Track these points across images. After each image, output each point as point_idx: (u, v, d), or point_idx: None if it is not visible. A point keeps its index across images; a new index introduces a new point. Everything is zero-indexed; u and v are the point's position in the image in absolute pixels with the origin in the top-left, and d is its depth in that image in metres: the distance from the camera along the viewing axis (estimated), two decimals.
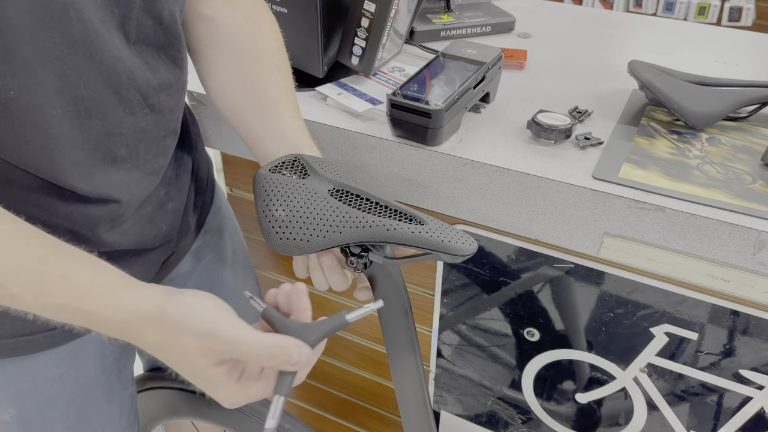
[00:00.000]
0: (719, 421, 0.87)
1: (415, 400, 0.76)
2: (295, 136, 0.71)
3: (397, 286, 0.69)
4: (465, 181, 0.80)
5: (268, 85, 0.72)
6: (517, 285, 0.91)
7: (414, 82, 0.81)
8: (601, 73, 0.99)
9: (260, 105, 0.72)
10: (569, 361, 0.94)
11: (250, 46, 0.73)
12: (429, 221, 0.61)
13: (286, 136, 0.71)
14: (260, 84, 0.72)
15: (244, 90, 0.72)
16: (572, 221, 0.76)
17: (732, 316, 0.78)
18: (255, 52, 0.73)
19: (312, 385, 1.30)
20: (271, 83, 0.73)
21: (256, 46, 0.73)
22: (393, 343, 0.73)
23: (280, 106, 0.72)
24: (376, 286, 0.69)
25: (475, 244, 0.61)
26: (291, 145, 0.70)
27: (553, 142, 0.81)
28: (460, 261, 0.62)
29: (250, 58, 0.73)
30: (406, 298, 0.70)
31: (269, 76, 0.73)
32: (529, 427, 1.04)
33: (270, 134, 0.71)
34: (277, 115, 0.72)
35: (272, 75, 0.73)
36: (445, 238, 0.60)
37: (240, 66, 0.73)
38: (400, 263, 0.65)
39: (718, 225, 0.69)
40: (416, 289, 1.01)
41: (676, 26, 1.18)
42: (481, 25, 1.10)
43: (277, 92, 0.72)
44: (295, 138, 0.71)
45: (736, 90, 0.85)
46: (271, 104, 0.72)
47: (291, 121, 0.72)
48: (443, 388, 1.09)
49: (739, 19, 2.30)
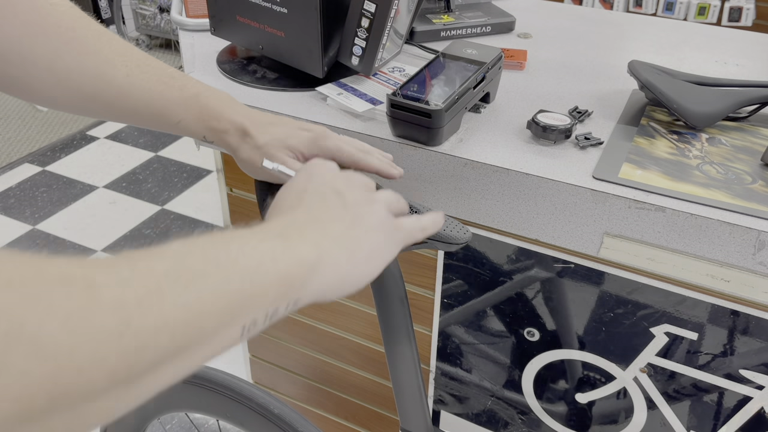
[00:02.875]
0: (719, 421, 0.87)
1: (410, 387, 0.78)
2: (186, 80, 0.62)
3: (394, 275, 0.71)
4: (465, 181, 0.80)
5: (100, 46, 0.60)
6: (517, 285, 0.91)
7: (414, 82, 0.81)
8: (601, 73, 0.99)
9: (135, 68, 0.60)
10: (569, 361, 0.94)
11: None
12: (425, 211, 0.63)
13: (186, 86, 0.62)
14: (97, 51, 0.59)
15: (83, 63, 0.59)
16: (572, 221, 0.76)
17: (732, 316, 0.78)
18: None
19: (312, 385, 1.30)
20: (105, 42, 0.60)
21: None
22: (389, 331, 0.75)
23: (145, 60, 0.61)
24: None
25: (470, 232, 0.63)
26: (194, 95, 0.62)
27: (553, 142, 0.81)
28: (455, 249, 0.64)
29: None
30: (402, 287, 0.72)
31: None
32: (528, 427, 1.04)
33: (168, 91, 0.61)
34: (152, 68, 0.61)
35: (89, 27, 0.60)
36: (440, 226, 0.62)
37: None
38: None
39: (718, 225, 0.69)
40: (416, 289, 1.01)
41: (676, 26, 1.18)
42: (481, 25, 1.10)
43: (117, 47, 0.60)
44: (192, 84, 0.62)
45: (736, 90, 0.85)
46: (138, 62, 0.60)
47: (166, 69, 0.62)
48: (443, 388, 1.09)
49: (739, 19, 2.30)
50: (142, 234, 2.35)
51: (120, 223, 2.41)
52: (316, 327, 1.19)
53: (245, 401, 0.82)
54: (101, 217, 2.44)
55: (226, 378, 0.84)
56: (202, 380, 0.85)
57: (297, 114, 0.87)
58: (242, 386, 0.83)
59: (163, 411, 0.95)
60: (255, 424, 0.83)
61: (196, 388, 0.87)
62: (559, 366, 0.95)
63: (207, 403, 0.88)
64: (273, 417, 0.81)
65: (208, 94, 0.62)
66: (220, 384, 0.83)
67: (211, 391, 0.85)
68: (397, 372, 0.77)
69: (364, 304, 1.09)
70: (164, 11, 3.56)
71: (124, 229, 2.38)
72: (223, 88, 0.93)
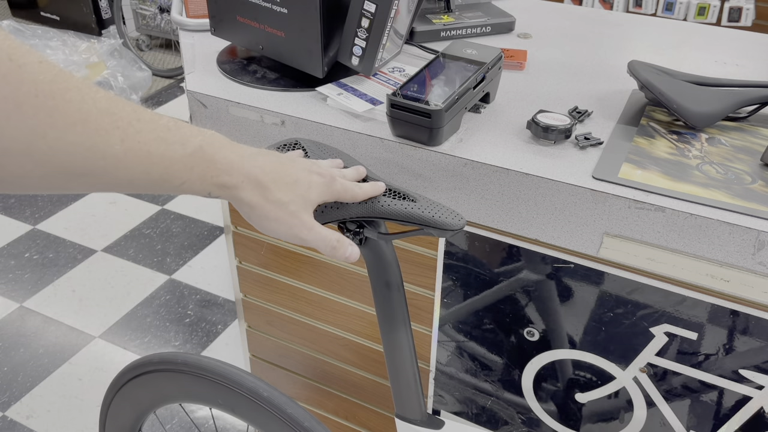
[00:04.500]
0: (719, 420, 0.87)
1: (405, 374, 0.80)
2: (185, 130, 0.54)
3: (390, 262, 0.72)
4: (465, 181, 0.80)
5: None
6: (516, 285, 0.91)
7: (414, 83, 0.82)
8: (601, 73, 0.99)
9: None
10: (569, 361, 0.94)
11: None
12: (420, 199, 0.64)
13: (189, 140, 0.53)
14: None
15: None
16: (572, 221, 0.76)
17: (732, 316, 0.78)
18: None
19: (312, 384, 1.30)
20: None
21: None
22: (385, 318, 0.76)
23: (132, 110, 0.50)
24: (370, 261, 0.72)
25: (464, 220, 0.63)
26: (198, 148, 0.54)
27: (553, 142, 0.81)
28: (449, 236, 0.65)
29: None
30: (398, 275, 0.73)
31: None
32: (528, 427, 1.04)
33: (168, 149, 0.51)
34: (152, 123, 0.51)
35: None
36: (435, 213, 0.63)
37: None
38: (393, 238, 0.67)
39: (717, 225, 0.69)
40: (416, 289, 1.01)
41: (676, 26, 1.18)
42: (481, 25, 1.10)
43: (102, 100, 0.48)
44: (192, 133, 0.54)
45: (735, 90, 0.85)
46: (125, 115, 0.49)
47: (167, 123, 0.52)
48: (443, 388, 1.09)
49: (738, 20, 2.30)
50: (142, 234, 2.36)
51: (120, 223, 2.41)
52: (316, 327, 1.19)
53: (235, 386, 0.83)
54: (101, 217, 2.44)
55: (216, 365, 0.85)
56: (193, 368, 0.86)
57: (297, 114, 0.88)
58: (231, 371, 0.84)
59: (157, 404, 0.96)
60: (246, 409, 0.84)
61: (188, 377, 0.88)
62: (558, 366, 0.95)
63: (198, 391, 0.88)
64: (262, 400, 0.82)
65: (212, 142, 0.55)
66: (211, 371, 0.85)
67: (202, 378, 0.86)
68: (393, 358, 0.79)
69: (364, 303, 1.09)
70: (164, 11, 3.56)
71: (124, 229, 2.38)
72: (224, 87, 0.93)
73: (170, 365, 0.89)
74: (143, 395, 0.95)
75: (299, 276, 1.14)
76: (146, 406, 0.96)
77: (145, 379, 0.93)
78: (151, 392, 0.94)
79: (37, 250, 2.27)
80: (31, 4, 3.80)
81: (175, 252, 2.27)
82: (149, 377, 0.93)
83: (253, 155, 0.58)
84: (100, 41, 3.26)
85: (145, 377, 0.93)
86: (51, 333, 1.93)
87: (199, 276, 2.16)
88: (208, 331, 1.95)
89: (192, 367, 0.86)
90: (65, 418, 1.67)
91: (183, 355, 0.87)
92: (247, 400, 0.83)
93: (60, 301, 2.05)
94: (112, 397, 0.96)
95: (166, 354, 0.89)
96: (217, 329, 1.95)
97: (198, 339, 1.92)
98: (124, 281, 2.13)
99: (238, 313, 1.29)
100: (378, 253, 0.71)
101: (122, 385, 0.94)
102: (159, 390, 0.93)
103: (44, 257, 2.23)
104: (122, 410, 0.98)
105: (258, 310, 1.25)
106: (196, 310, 2.03)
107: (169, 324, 1.97)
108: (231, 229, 1.15)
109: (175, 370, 0.89)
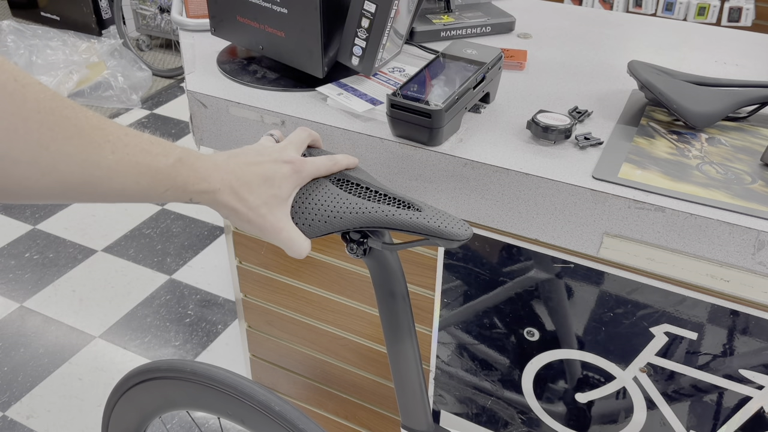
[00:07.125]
0: (719, 420, 0.87)
1: (411, 385, 0.79)
2: (169, 147, 0.58)
3: (395, 272, 0.71)
4: (465, 181, 0.80)
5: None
6: (516, 285, 0.91)
7: (414, 83, 0.82)
8: (601, 73, 0.99)
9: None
10: (569, 361, 0.94)
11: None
12: (426, 208, 0.63)
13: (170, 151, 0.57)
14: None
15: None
16: (572, 221, 0.76)
17: (731, 316, 0.78)
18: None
19: (312, 384, 1.30)
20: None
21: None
22: (390, 328, 0.75)
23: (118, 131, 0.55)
24: (374, 271, 0.71)
25: (471, 229, 0.62)
26: (179, 160, 0.58)
27: (553, 142, 0.81)
28: (455, 246, 0.64)
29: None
30: (403, 284, 0.72)
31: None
32: (528, 427, 1.04)
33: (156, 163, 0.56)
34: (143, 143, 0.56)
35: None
36: (441, 223, 0.62)
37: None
38: (398, 248, 0.66)
39: (717, 225, 0.69)
40: (416, 289, 1.01)
41: (676, 26, 1.18)
42: (481, 25, 1.10)
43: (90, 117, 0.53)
44: (176, 149, 0.58)
45: (735, 90, 0.85)
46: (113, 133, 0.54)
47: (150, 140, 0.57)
48: (443, 388, 1.09)
49: (738, 20, 2.30)
50: (142, 234, 2.36)
51: (120, 223, 2.41)
52: (316, 327, 1.19)
53: (246, 399, 0.83)
54: (101, 217, 2.45)
55: (227, 375, 0.84)
56: (202, 378, 0.85)
57: (297, 114, 0.88)
58: (243, 383, 0.83)
59: (163, 409, 0.95)
60: (256, 421, 0.83)
61: (197, 386, 0.87)
62: (558, 366, 0.95)
63: (208, 401, 0.88)
64: (274, 414, 0.81)
65: (189, 153, 0.59)
66: (221, 382, 0.84)
67: (211, 388, 0.85)
68: (399, 369, 0.78)
69: (365, 303, 1.09)
70: (164, 11, 3.56)
71: (124, 229, 2.38)
72: (224, 87, 0.94)
73: (179, 373, 0.88)
74: (149, 400, 0.94)
75: (299, 276, 1.14)
76: (152, 410, 0.96)
77: (153, 384, 0.92)
78: (158, 398, 0.94)
79: (38, 250, 2.27)
80: (31, 4, 3.80)
81: (175, 252, 2.27)
82: (157, 383, 0.92)
83: (226, 160, 0.62)
84: (100, 41, 3.26)
85: (152, 383, 0.92)
86: (51, 333, 1.93)
87: (200, 276, 2.16)
88: (208, 331, 1.95)
89: (200, 377, 0.85)
90: (65, 418, 1.67)
91: (191, 363, 0.86)
92: (258, 413, 0.83)
93: (60, 301, 2.05)
94: (117, 399, 0.96)
95: (175, 361, 0.88)
96: (217, 329, 1.95)
97: (198, 339, 1.92)
98: (125, 281, 2.13)
99: (239, 313, 1.29)
100: (382, 262, 0.70)
101: (128, 389, 0.94)
102: (166, 396, 0.93)
103: (44, 257, 2.23)
104: (127, 413, 0.97)
105: (258, 310, 1.25)
106: (196, 310, 2.03)
107: (170, 324, 1.97)
108: (231, 229, 1.15)
109: (183, 378, 0.88)
